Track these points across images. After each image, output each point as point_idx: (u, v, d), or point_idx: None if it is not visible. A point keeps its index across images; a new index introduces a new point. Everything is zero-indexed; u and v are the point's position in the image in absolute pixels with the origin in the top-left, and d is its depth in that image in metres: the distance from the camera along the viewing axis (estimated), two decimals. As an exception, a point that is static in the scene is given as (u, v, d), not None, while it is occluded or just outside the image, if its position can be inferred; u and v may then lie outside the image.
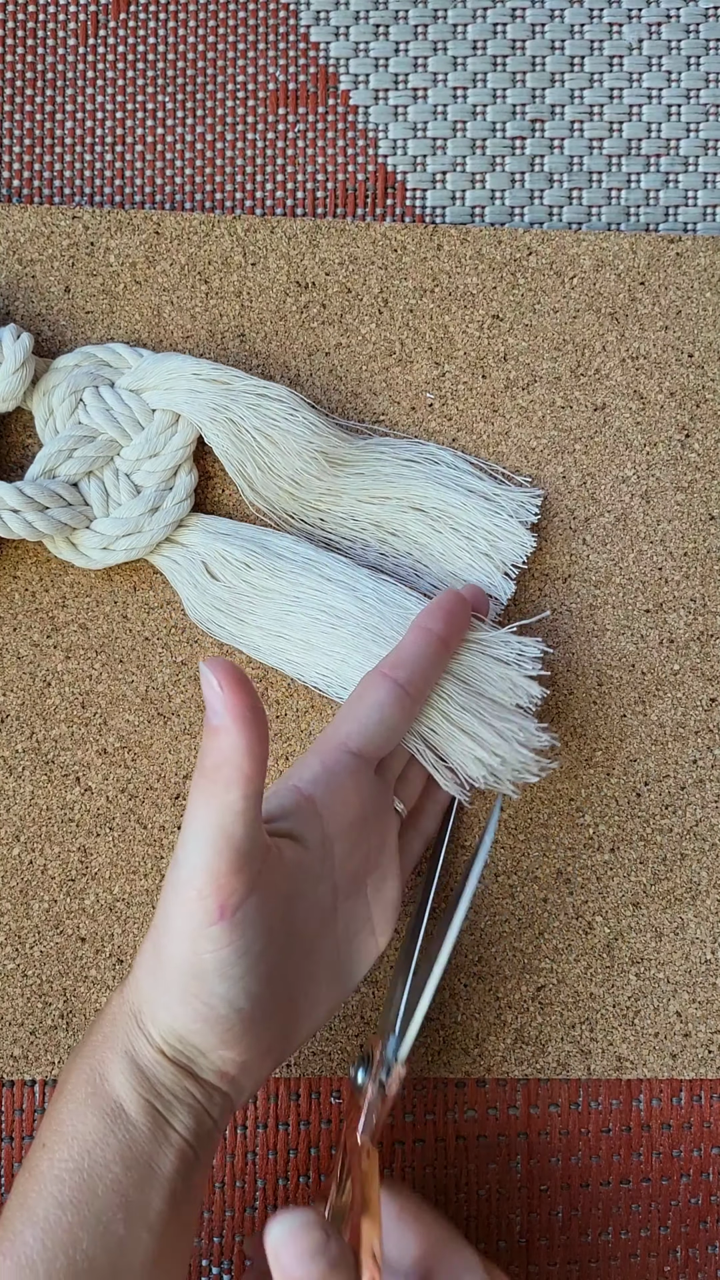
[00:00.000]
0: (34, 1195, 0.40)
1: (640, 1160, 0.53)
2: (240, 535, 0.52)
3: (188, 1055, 0.41)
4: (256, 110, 0.56)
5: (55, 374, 0.51)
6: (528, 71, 0.57)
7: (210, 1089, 0.42)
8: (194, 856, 0.39)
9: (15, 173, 0.56)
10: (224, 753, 0.38)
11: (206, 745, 0.39)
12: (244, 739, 0.38)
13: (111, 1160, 0.40)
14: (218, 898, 0.39)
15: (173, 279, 0.54)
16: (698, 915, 0.53)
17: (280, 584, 0.51)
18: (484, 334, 0.54)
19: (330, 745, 0.45)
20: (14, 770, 0.52)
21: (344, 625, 0.50)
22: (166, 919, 0.40)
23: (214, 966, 0.39)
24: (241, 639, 0.51)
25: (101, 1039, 0.42)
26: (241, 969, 0.40)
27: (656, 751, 0.53)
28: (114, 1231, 0.40)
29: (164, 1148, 0.41)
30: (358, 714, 0.45)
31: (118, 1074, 0.41)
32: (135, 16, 0.56)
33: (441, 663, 0.47)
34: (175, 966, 0.40)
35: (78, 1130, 0.41)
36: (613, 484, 0.54)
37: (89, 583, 0.53)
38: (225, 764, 0.38)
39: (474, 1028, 0.52)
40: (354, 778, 0.45)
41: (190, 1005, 0.40)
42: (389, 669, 0.46)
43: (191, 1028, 0.40)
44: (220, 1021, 0.40)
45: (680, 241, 0.55)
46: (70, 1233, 0.39)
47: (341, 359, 0.54)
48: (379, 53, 0.57)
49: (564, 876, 0.53)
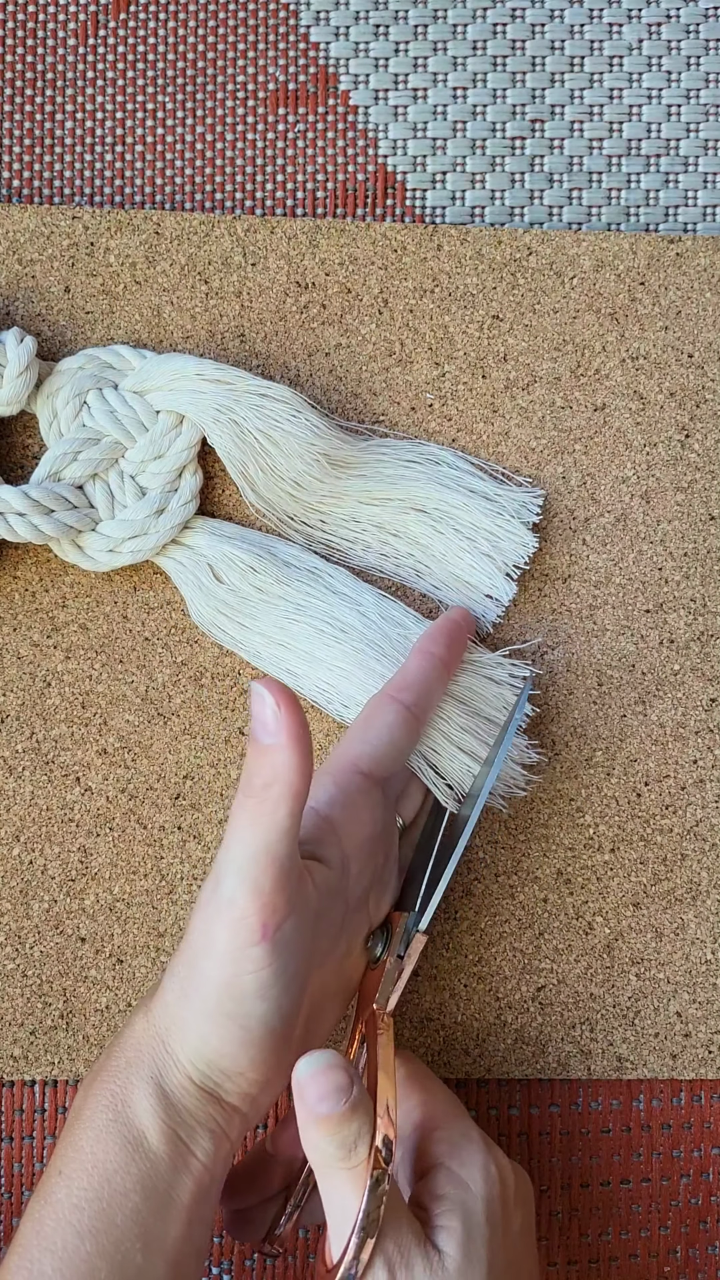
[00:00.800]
0: (51, 1224, 0.40)
1: (640, 1160, 0.53)
2: (247, 540, 0.52)
3: (215, 1080, 0.41)
4: (256, 110, 0.56)
5: (59, 377, 0.51)
6: (528, 71, 0.57)
7: (231, 1111, 0.42)
8: (239, 875, 0.39)
9: (15, 173, 0.56)
10: (276, 771, 0.38)
11: (256, 764, 0.39)
12: (296, 757, 0.38)
13: (131, 1189, 0.40)
14: (261, 917, 0.39)
15: (173, 279, 0.54)
16: (698, 915, 0.53)
17: (286, 591, 0.51)
18: (484, 334, 0.54)
19: (342, 766, 0.46)
20: (14, 770, 0.52)
21: (347, 639, 0.51)
22: (207, 940, 0.40)
23: (254, 988, 0.39)
24: (244, 644, 0.52)
25: (124, 1063, 0.42)
26: (279, 989, 0.40)
27: (656, 751, 0.53)
28: (132, 1261, 0.39)
29: (183, 1175, 0.41)
30: (368, 736, 0.46)
31: (142, 1100, 0.41)
32: (135, 16, 0.56)
33: (443, 684, 0.49)
34: (211, 988, 0.40)
35: (98, 1158, 0.40)
36: (613, 484, 0.54)
37: (89, 583, 0.53)
38: (276, 782, 0.38)
39: (474, 1028, 0.52)
40: (366, 798, 0.46)
41: (225, 1027, 0.40)
42: (396, 692, 0.47)
43: (223, 1050, 0.40)
44: (254, 1043, 0.40)
45: (680, 241, 0.55)
46: (89, 1263, 0.39)
47: (341, 359, 0.54)
48: (379, 53, 0.57)
49: (564, 876, 0.53)
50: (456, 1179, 0.43)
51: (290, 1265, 0.52)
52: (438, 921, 0.52)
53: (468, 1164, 0.44)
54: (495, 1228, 0.43)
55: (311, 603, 0.51)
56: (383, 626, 0.51)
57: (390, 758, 0.46)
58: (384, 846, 0.47)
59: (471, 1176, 0.43)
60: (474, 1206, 0.43)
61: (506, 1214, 0.43)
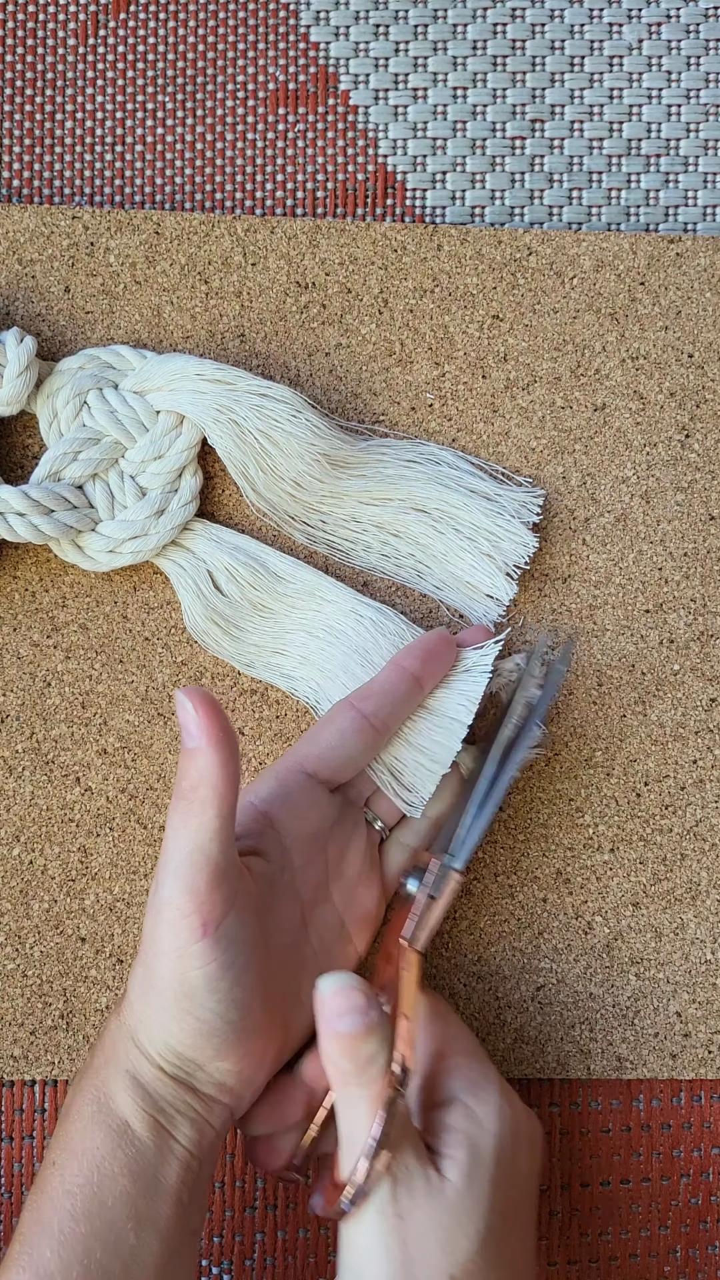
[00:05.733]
0: (48, 1210, 0.42)
1: (640, 1160, 0.53)
2: (246, 550, 0.52)
3: (186, 1070, 0.43)
4: (256, 110, 0.56)
5: (59, 377, 0.51)
6: (528, 71, 0.57)
7: (210, 1101, 0.44)
8: (174, 877, 0.41)
9: (15, 173, 0.56)
10: (200, 773, 0.40)
11: (183, 767, 0.41)
12: (218, 758, 0.40)
13: (119, 1173, 0.42)
14: (199, 915, 0.40)
15: (173, 279, 0.54)
16: (698, 915, 0.53)
17: (281, 606, 0.51)
18: (484, 334, 0.54)
19: (287, 764, 0.47)
20: (14, 770, 0.52)
21: (338, 644, 0.51)
22: (153, 940, 0.42)
23: (202, 982, 0.41)
24: (236, 655, 0.52)
25: (103, 1061, 0.44)
26: (228, 982, 0.41)
27: (656, 751, 0.53)
28: (125, 1240, 0.41)
29: (169, 1159, 0.42)
30: (318, 738, 0.48)
31: (121, 1092, 0.43)
32: (135, 16, 0.56)
33: (413, 699, 0.49)
34: (165, 984, 0.41)
35: (86, 1147, 0.42)
36: (613, 484, 0.54)
37: (89, 583, 0.53)
38: (201, 784, 0.40)
39: (474, 1028, 0.52)
40: (308, 795, 0.47)
41: (183, 1021, 0.42)
42: (356, 699, 0.48)
43: (186, 1042, 0.42)
44: (214, 1034, 0.42)
45: (680, 241, 0.55)
46: (84, 1243, 0.41)
47: (341, 359, 0.54)
48: (379, 53, 0.57)
49: (564, 876, 0.53)
50: (470, 1114, 0.44)
51: (291, 1264, 0.53)
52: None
53: (483, 1102, 0.44)
54: (502, 1167, 0.43)
55: (309, 615, 0.51)
56: (374, 636, 0.51)
57: (338, 761, 0.47)
58: (337, 842, 0.48)
59: (485, 1114, 0.44)
60: (483, 1142, 0.43)
61: (515, 1156, 0.44)
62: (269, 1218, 0.53)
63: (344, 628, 0.51)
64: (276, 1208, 0.53)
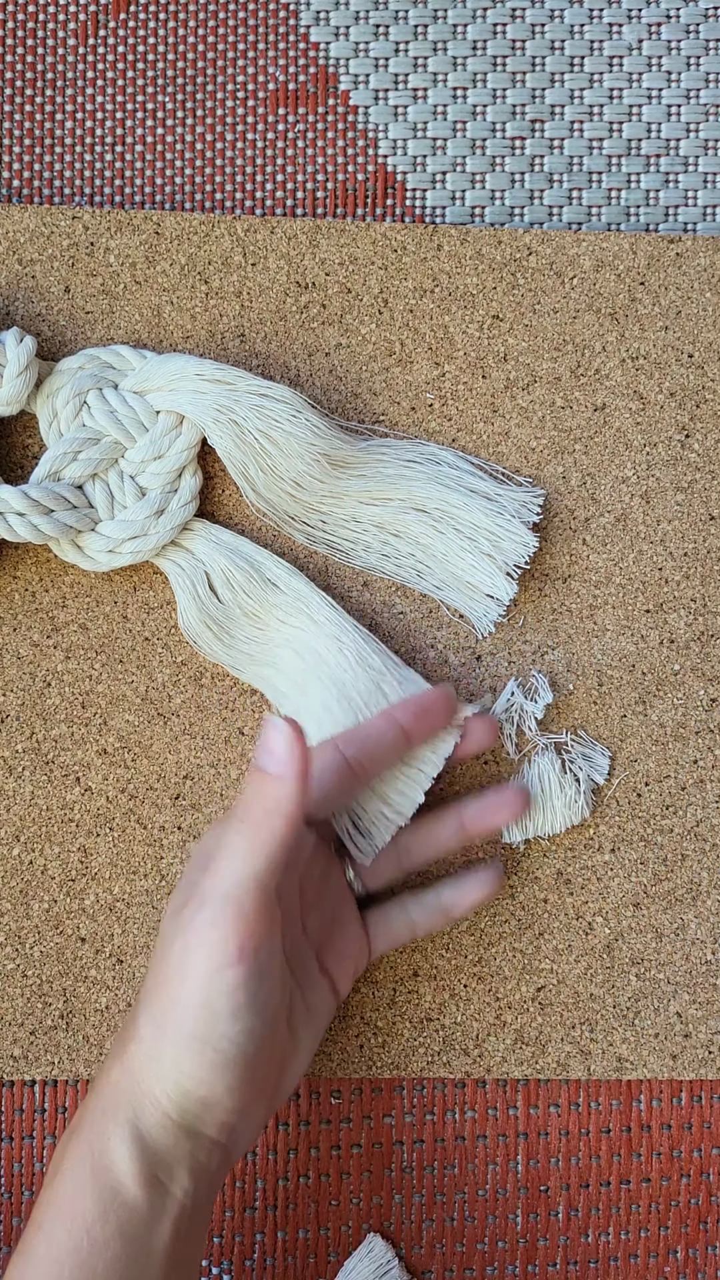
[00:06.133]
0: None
1: (640, 1160, 0.53)
2: (243, 553, 0.52)
3: (193, 1113, 0.42)
4: (256, 110, 0.56)
5: (59, 377, 0.51)
6: (528, 71, 0.57)
7: (211, 1145, 0.43)
8: (225, 900, 0.40)
9: (15, 173, 0.56)
10: (277, 801, 0.40)
11: (258, 790, 0.40)
12: (298, 791, 0.40)
13: (110, 1238, 0.41)
14: (239, 939, 0.40)
15: (173, 279, 0.54)
16: (698, 916, 0.53)
17: (272, 619, 0.51)
18: (484, 334, 0.54)
19: None
20: (14, 770, 0.52)
21: (319, 671, 0.51)
22: (181, 964, 0.41)
23: (228, 1009, 0.40)
24: (227, 660, 0.52)
25: (100, 1111, 0.42)
26: (253, 1012, 0.41)
27: (656, 751, 0.53)
28: None
29: (162, 1219, 0.41)
30: None
31: (119, 1146, 0.41)
32: (135, 16, 0.56)
33: (397, 751, 0.48)
34: (187, 1014, 0.41)
35: (75, 1210, 0.41)
36: (613, 484, 0.54)
37: (89, 583, 0.53)
38: (276, 813, 0.40)
39: (474, 1028, 0.52)
40: None
41: (200, 1053, 0.41)
42: (342, 741, 0.47)
43: (199, 1076, 0.41)
44: (230, 1066, 0.41)
45: (680, 241, 0.55)
46: None
47: (341, 359, 0.54)
48: (379, 53, 0.57)
49: (564, 877, 0.53)
50: None
51: (291, 1264, 0.53)
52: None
53: None
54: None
55: (294, 633, 0.51)
56: (354, 670, 0.50)
57: (315, 797, 0.46)
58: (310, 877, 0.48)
59: None
60: None
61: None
62: (269, 1218, 0.53)
63: (327, 655, 0.51)
64: (276, 1208, 0.53)
